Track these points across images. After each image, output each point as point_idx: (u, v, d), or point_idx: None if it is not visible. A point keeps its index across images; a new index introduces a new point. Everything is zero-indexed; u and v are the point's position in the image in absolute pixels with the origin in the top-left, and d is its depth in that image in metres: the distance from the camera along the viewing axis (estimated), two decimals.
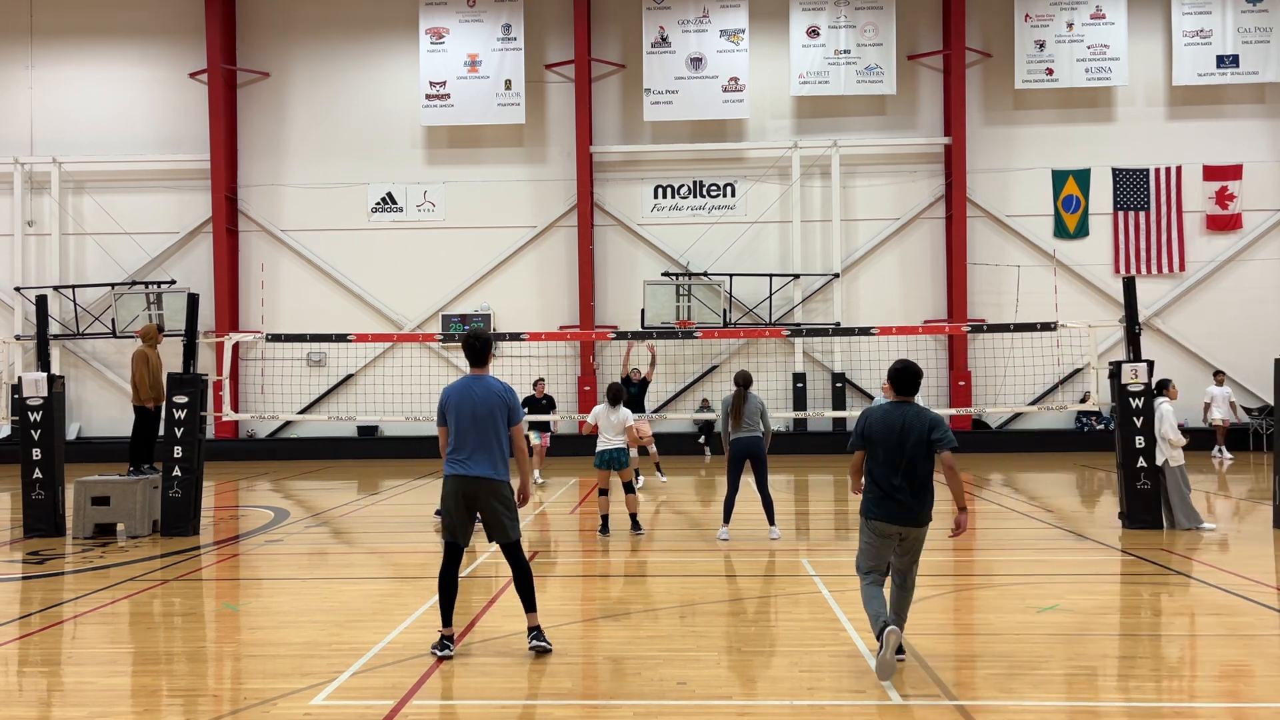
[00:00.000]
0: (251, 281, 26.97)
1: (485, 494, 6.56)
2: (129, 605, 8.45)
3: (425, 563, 10.29)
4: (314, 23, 27.01)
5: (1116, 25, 25.44)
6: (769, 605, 8.22)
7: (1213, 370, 23.45)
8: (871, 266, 26.34)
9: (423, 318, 26.55)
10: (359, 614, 7.93)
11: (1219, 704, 5.62)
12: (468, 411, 6.55)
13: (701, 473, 20.43)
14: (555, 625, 7.42)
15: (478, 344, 6.74)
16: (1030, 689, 5.87)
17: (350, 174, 26.78)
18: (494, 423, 6.55)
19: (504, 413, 6.59)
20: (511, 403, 6.66)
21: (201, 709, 5.69)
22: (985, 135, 26.14)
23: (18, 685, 6.31)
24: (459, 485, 6.57)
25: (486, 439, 6.53)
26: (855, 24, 25.74)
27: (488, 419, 6.54)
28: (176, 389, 12.42)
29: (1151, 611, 7.89)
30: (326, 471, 22.06)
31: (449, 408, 6.63)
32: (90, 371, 26.98)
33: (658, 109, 25.94)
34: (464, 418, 6.56)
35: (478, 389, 6.62)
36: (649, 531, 12.18)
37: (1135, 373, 11.96)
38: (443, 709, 5.68)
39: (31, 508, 12.28)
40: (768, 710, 5.57)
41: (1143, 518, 11.75)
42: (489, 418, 6.54)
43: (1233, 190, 25.59)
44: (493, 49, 26.14)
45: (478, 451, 6.53)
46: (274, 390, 25.21)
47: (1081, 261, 25.77)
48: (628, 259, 26.50)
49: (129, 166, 26.90)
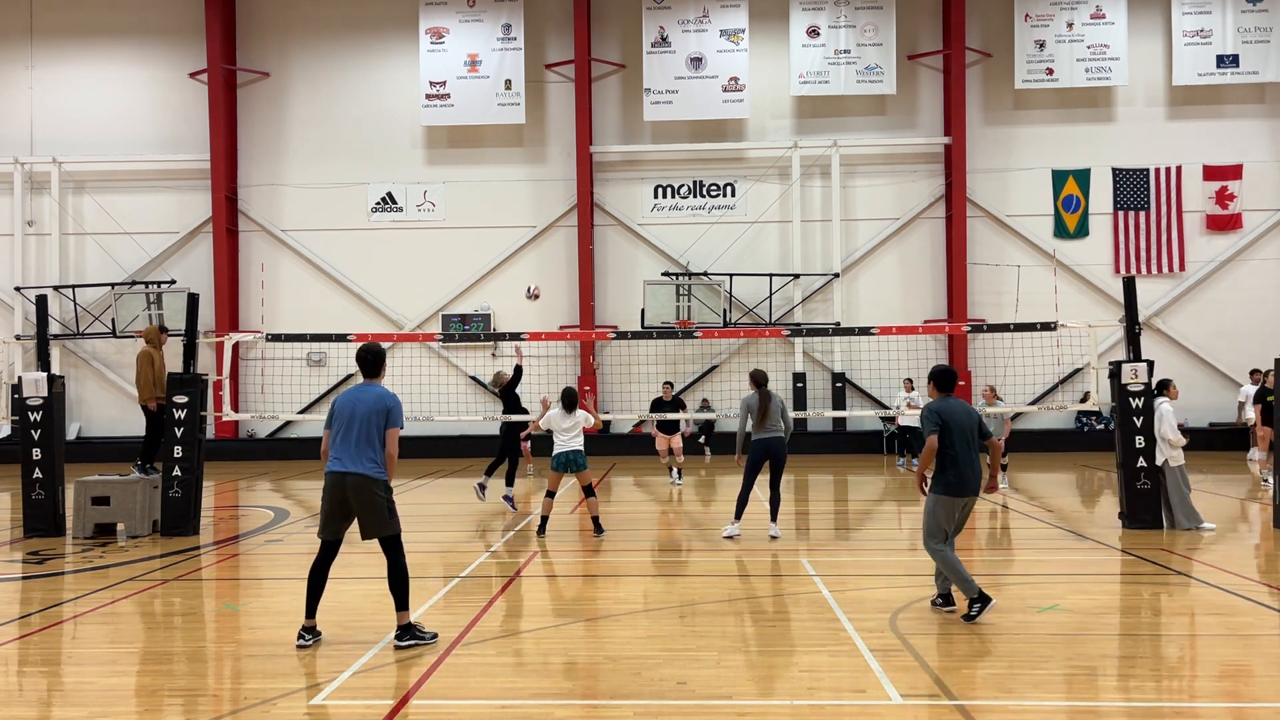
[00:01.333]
0: (251, 281, 26.98)
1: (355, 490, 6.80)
2: (129, 605, 8.45)
3: (425, 562, 10.29)
4: (314, 23, 27.02)
5: (1116, 25, 25.45)
6: (769, 605, 8.22)
7: (1249, 369, 22.64)
8: (871, 266, 26.35)
9: (423, 318, 26.56)
10: (359, 614, 7.92)
11: (1219, 704, 5.62)
12: (346, 414, 6.89)
13: (702, 472, 20.43)
14: (555, 625, 7.42)
15: (369, 356, 7.11)
16: (1030, 689, 5.87)
17: (350, 174, 26.79)
18: (371, 425, 6.83)
19: (382, 417, 6.88)
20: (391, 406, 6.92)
21: (201, 709, 5.69)
22: (985, 135, 26.15)
23: (18, 685, 6.31)
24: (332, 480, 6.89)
25: (364, 440, 6.82)
26: (855, 24, 25.75)
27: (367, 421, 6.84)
28: (176, 389, 12.43)
29: (1151, 611, 7.89)
30: None
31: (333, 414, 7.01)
32: (90, 371, 26.98)
33: (658, 109, 25.95)
34: (341, 419, 6.91)
35: (364, 395, 6.95)
36: (656, 531, 12.17)
37: (1135, 373, 11.95)
38: (443, 709, 5.68)
39: (31, 508, 12.28)
40: (768, 710, 5.57)
41: (1143, 518, 11.75)
42: (368, 420, 6.83)
43: (1233, 190, 25.60)
44: (493, 49, 26.15)
45: (351, 449, 6.85)
46: (274, 390, 25.21)
47: (1081, 261, 25.78)
48: (628, 259, 26.51)
49: (129, 166, 26.90)
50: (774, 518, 11.44)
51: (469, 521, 13.64)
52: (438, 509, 15.32)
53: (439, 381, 25.06)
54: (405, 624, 6.82)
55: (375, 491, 6.75)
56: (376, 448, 6.77)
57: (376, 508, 6.77)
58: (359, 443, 6.74)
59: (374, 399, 6.83)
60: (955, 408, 7.52)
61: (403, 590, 6.83)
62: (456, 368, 26.12)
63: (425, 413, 22.58)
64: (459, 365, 26.16)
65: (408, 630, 6.81)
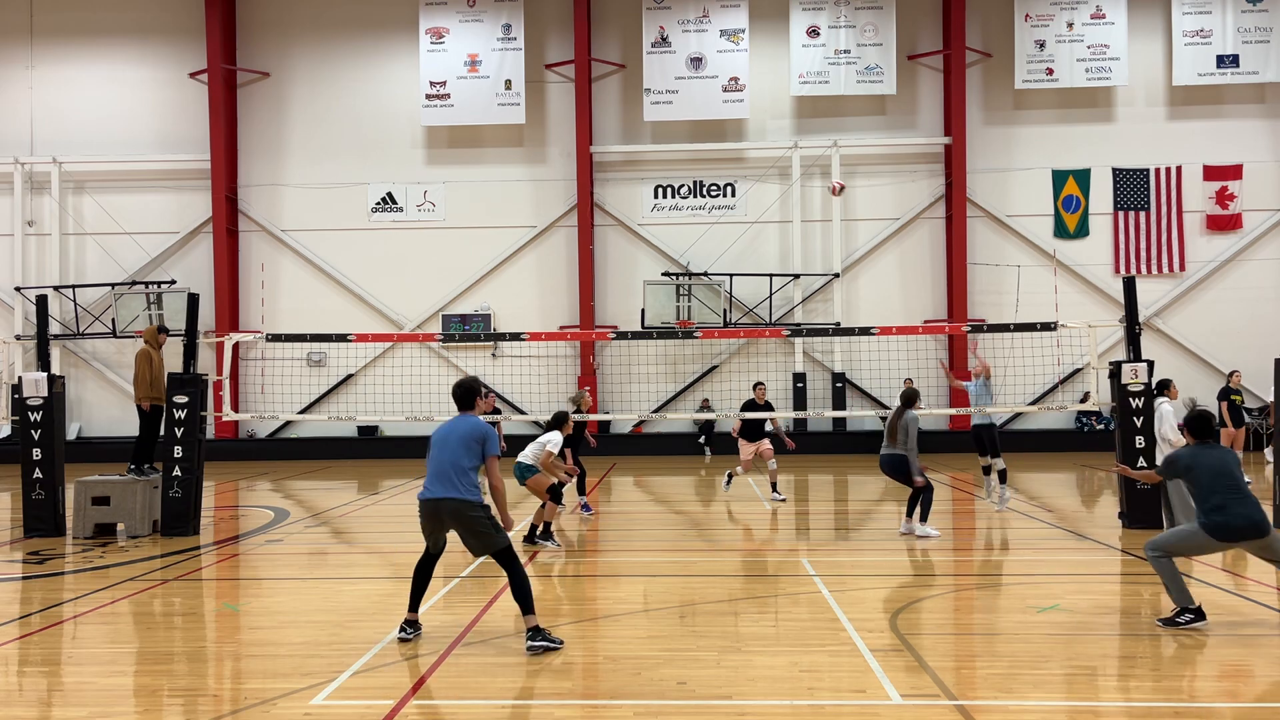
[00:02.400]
0: (251, 281, 26.98)
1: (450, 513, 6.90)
2: (129, 605, 8.45)
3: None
4: (314, 23, 27.02)
5: (1116, 25, 25.44)
6: (769, 605, 8.22)
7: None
8: (871, 266, 26.35)
9: (423, 318, 26.56)
10: (359, 614, 7.92)
11: (1219, 704, 5.62)
12: (439, 443, 7.08)
13: (702, 473, 20.43)
14: (556, 625, 7.42)
15: (460, 391, 7.31)
16: (1030, 689, 5.87)
17: (350, 174, 26.79)
18: (461, 452, 6.97)
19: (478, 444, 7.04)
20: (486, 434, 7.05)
21: (201, 709, 5.69)
22: (985, 135, 26.15)
23: (18, 685, 6.31)
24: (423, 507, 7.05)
25: (455, 466, 6.95)
26: (855, 24, 25.75)
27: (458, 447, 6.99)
28: (176, 389, 12.43)
29: (1151, 611, 7.89)
30: (326, 471, 22.06)
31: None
32: (90, 371, 26.98)
33: (658, 109, 25.95)
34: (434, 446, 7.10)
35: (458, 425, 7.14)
36: (658, 531, 12.15)
37: (1135, 373, 11.95)
38: (443, 709, 5.68)
39: (31, 508, 12.27)
40: (768, 710, 5.57)
41: (1143, 518, 11.75)
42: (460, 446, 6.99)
43: (1233, 190, 25.60)
44: (493, 49, 26.15)
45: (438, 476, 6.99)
46: (274, 390, 25.21)
47: (1081, 261, 25.78)
48: (628, 259, 26.51)
49: (129, 166, 26.90)
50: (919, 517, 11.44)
51: None
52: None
53: (439, 381, 24.98)
54: (534, 626, 6.78)
55: (471, 514, 6.83)
56: (468, 472, 6.89)
57: (477, 529, 6.85)
58: (451, 469, 6.87)
59: (468, 428, 7.00)
60: (1207, 457, 7.14)
61: (526, 596, 6.80)
62: (456, 368, 26.12)
63: (425, 413, 22.53)
64: (459, 365, 26.16)
65: (538, 632, 6.76)
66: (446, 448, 6.96)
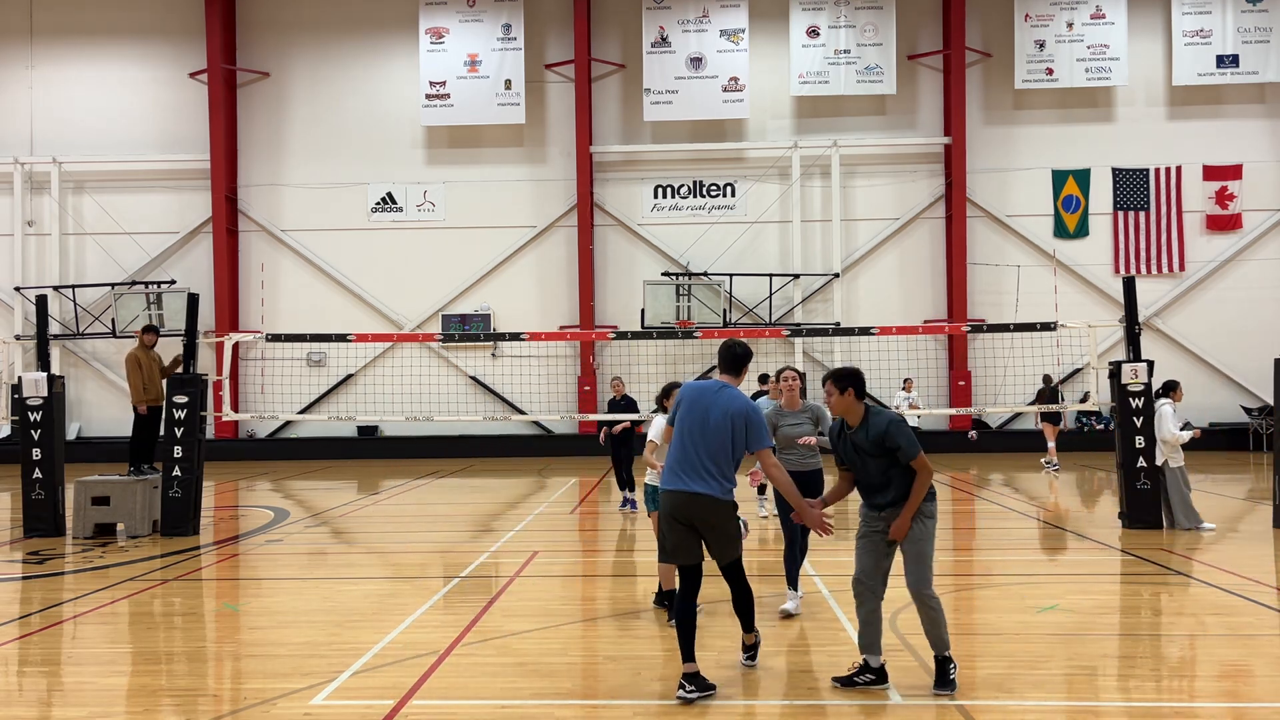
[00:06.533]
0: (251, 281, 26.97)
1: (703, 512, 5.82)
2: (129, 605, 8.45)
3: (424, 563, 10.29)
4: (314, 23, 27.01)
5: (1116, 25, 25.43)
6: (769, 605, 8.21)
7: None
8: (871, 266, 26.34)
9: (423, 318, 26.55)
10: (359, 614, 7.92)
11: (1219, 704, 5.62)
12: (698, 418, 5.82)
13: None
14: (555, 625, 7.42)
15: (736, 352, 6.10)
16: (1030, 689, 5.87)
17: (350, 174, 26.78)
18: (727, 438, 5.83)
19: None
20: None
21: (201, 709, 5.69)
22: (985, 135, 26.14)
23: (18, 685, 6.31)
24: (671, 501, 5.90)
25: (717, 453, 5.81)
26: (855, 24, 25.75)
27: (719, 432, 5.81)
28: (176, 389, 12.42)
29: (1151, 611, 7.89)
30: (326, 471, 22.05)
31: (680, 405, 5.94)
32: (90, 371, 26.98)
33: (658, 109, 25.94)
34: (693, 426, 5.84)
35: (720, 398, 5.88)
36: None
37: (1135, 373, 11.96)
38: (443, 709, 5.68)
39: (31, 508, 12.27)
40: (768, 710, 5.57)
41: (1143, 518, 11.74)
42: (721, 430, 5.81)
43: (1233, 190, 25.59)
44: (493, 49, 26.14)
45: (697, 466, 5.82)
46: (274, 390, 25.20)
47: (1081, 261, 25.77)
48: (628, 259, 26.50)
49: (129, 166, 26.89)
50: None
51: (469, 522, 13.64)
52: (438, 509, 15.32)
53: (439, 382, 25.04)
54: (752, 643, 6.31)
55: (726, 515, 5.81)
56: (728, 463, 5.78)
57: (729, 533, 5.88)
58: (711, 457, 5.75)
59: (737, 408, 5.79)
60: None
61: (749, 612, 6.12)
62: (456, 368, 26.12)
63: (425, 413, 22.58)
64: (459, 365, 26.16)
65: (755, 650, 6.34)
66: (707, 430, 5.75)
